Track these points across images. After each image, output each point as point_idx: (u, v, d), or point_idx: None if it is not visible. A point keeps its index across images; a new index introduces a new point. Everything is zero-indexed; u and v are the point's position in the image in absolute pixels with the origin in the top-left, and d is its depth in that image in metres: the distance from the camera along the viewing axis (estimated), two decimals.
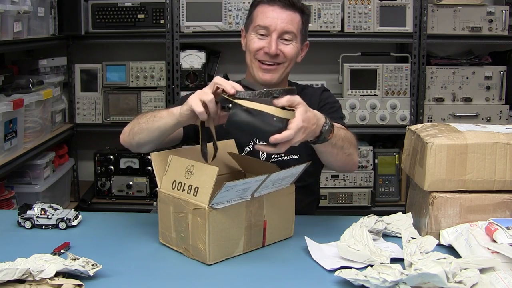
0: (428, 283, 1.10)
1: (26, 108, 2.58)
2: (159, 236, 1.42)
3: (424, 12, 3.07)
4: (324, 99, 1.84)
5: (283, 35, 1.68)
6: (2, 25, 2.33)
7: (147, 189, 3.23)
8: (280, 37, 1.68)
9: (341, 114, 1.85)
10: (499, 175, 1.39)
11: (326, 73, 3.41)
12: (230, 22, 3.07)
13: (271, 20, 1.67)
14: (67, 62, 3.22)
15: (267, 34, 1.68)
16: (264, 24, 1.67)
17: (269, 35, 1.68)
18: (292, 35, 1.69)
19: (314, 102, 1.79)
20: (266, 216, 1.38)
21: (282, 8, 1.67)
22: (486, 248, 1.24)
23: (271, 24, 1.67)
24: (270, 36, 1.67)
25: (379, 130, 3.21)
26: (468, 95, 3.15)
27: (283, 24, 1.67)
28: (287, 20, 1.67)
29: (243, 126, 1.27)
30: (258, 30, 1.69)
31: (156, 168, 1.39)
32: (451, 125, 1.51)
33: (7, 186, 2.59)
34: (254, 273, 1.26)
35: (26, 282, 1.13)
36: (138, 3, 3.11)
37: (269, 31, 1.67)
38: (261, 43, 1.69)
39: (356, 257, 1.25)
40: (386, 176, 3.24)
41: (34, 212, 1.50)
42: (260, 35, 1.69)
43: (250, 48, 1.71)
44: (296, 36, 1.70)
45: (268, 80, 1.70)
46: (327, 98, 1.85)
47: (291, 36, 1.69)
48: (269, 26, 1.67)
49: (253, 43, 1.70)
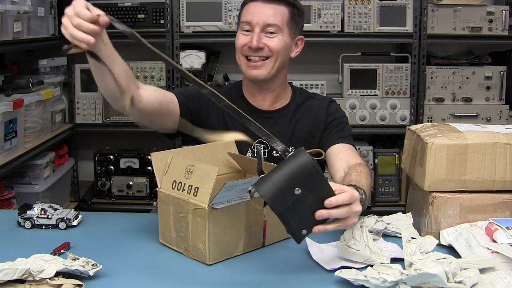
0: (428, 283, 1.10)
1: (26, 108, 2.58)
2: (159, 236, 1.42)
3: (424, 12, 3.07)
4: (331, 113, 1.79)
5: (266, 28, 1.67)
6: (2, 25, 2.34)
7: (147, 189, 3.23)
8: (263, 31, 1.68)
9: (349, 130, 1.80)
10: (499, 175, 1.39)
11: (326, 73, 3.41)
12: (230, 22, 3.07)
13: (253, 14, 1.67)
14: (67, 62, 3.22)
15: (251, 29, 1.68)
16: (247, 20, 1.68)
17: (253, 30, 1.68)
18: (276, 27, 1.67)
19: (320, 116, 1.77)
20: (266, 216, 1.38)
21: (265, 2, 1.68)
22: (486, 248, 1.24)
23: (253, 19, 1.67)
24: (253, 31, 1.67)
25: (379, 130, 3.21)
26: (468, 95, 3.15)
27: (264, 18, 1.66)
28: (269, 13, 1.67)
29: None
30: (243, 26, 1.70)
31: (156, 168, 1.39)
32: (451, 125, 1.51)
33: (7, 186, 2.59)
34: (254, 273, 1.26)
35: (26, 282, 1.13)
36: (138, 3, 3.11)
37: (252, 26, 1.68)
38: (246, 38, 1.68)
39: (356, 257, 1.25)
40: (386, 176, 3.24)
41: (34, 212, 1.50)
42: (245, 31, 1.69)
43: (236, 45, 1.71)
44: (281, 29, 1.68)
45: (256, 76, 1.69)
46: (334, 112, 1.80)
47: (274, 29, 1.67)
48: (251, 21, 1.67)
49: (238, 39, 1.71)
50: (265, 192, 1.12)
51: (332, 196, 1.17)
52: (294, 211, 1.15)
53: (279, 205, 1.13)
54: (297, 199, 1.14)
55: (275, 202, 1.13)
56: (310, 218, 1.16)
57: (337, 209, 1.17)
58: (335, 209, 1.17)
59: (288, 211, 1.14)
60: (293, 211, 1.14)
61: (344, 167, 1.59)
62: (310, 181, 1.14)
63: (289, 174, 1.13)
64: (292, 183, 1.13)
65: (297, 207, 1.14)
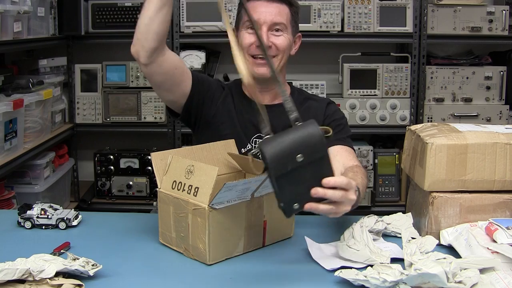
0: (428, 283, 1.10)
1: (26, 108, 2.58)
2: (159, 236, 1.42)
3: (424, 12, 3.06)
4: (329, 115, 1.80)
5: (273, 27, 1.70)
6: (2, 25, 2.33)
7: (147, 189, 3.23)
8: (270, 30, 1.70)
9: (348, 132, 1.80)
10: (499, 175, 1.39)
11: (326, 73, 3.41)
12: (230, 22, 3.06)
13: (259, 13, 1.69)
14: (67, 62, 3.22)
15: None
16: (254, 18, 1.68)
17: (260, 29, 1.68)
18: (282, 26, 1.70)
19: (318, 116, 1.77)
20: (266, 216, 1.38)
21: (269, 1, 1.69)
22: (486, 248, 1.24)
23: (260, 17, 1.68)
24: (261, 30, 1.68)
25: (379, 130, 3.21)
26: (468, 95, 3.15)
27: (271, 16, 1.68)
28: (275, 12, 1.69)
29: None
30: (248, 25, 1.70)
31: (156, 168, 1.39)
32: (451, 125, 1.51)
33: (7, 186, 2.59)
34: (254, 273, 1.26)
35: (26, 282, 1.13)
36: (138, 3, 3.10)
37: (259, 25, 1.68)
38: (253, 37, 1.69)
39: (356, 257, 1.25)
40: (386, 176, 3.24)
41: (34, 212, 1.50)
42: (251, 29, 1.70)
43: (243, 45, 1.71)
44: (287, 27, 1.71)
45: (263, 74, 1.70)
46: (333, 113, 1.81)
47: (281, 27, 1.70)
48: (258, 19, 1.68)
49: (244, 39, 1.71)
50: (267, 151, 1.10)
51: (331, 176, 1.15)
52: (291, 180, 1.12)
53: (278, 167, 1.10)
54: (297, 166, 1.11)
55: (275, 162, 1.10)
56: (305, 194, 1.13)
57: (333, 191, 1.15)
58: (331, 190, 1.15)
59: (285, 177, 1.11)
60: (290, 179, 1.12)
61: (341, 168, 1.58)
62: (313, 152, 1.12)
63: (294, 139, 1.11)
64: (295, 148, 1.11)
65: (295, 176, 1.12)
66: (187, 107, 1.75)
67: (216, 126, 1.76)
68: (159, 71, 1.61)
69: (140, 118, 3.19)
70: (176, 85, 1.69)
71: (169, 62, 1.62)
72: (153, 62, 1.58)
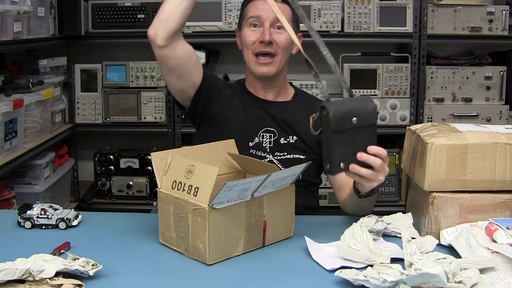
0: (428, 283, 1.10)
1: (26, 108, 2.58)
2: (159, 236, 1.42)
3: (424, 12, 3.06)
4: None
5: (275, 23, 1.73)
6: (2, 25, 2.33)
7: (147, 189, 3.23)
8: (272, 26, 1.73)
9: None
10: (499, 175, 1.39)
11: (326, 73, 3.39)
12: (230, 22, 3.07)
13: (262, 10, 1.73)
14: (67, 62, 3.22)
15: (259, 24, 1.74)
16: (256, 15, 1.74)
17: (262, 25, 1.73)
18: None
19: None
20: (266, 216, 1.38)
21: None
22: (486, 248, 1.24)
23: (262, 14, 1.73)
24: (263, 26, 1.73)
25: (379, 130, 3.13)
26: (468, 95, 3.15)
27: (273, 13, 1.69)
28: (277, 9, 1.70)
29: None
30: (251, 21, 1.75)
31: (156, 168, 1.39)
32: (451, 125, 1.51)
33: (7, 186, 2.59)
34: (254, 273, 1.26)
35: (26, 282, 1.13)
36: (138, 3, 3.11)
37: (261, 21, 1.73)
38: (256, 34, 1.74)
39: (356, 257, 1.25)
40: (386, 176, 3.23)
41: (34, 212, 1.50)
42: (254, 27, 1.75)
43: (247, 42, 1.76)
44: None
45: (265, 73, 1.75)
46: None
47: None
48: (260, 16, 1.73)
49: (248, 36, 1.75)
50: (332, 108, 1.28)
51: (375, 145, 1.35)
52: (344, 139, 1.31)
53: (338, 123, 1.29)
54: (351, 127, 1.31)
55: (336, 118, 1.28)
56: (352, 155, 1.33)
57: (375, 158, 1.35)
58: (373, 157, 1.35)
59: (340, 134, 1.30)
60: (343, 138, 1.31)
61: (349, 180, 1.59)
62: (366, 119, 1.34)
63: (353, 105, 1.33)
64: (353, 111, 1.31)
65: (348, 136, 1.31)
66: (195, 99, 1.79)
67: (222, 121, 1.80)
68: (173, 55, 1.67)
69: (140, 118, 3.19)
70: (187, 72, 1.74)
71: (183, 49, 1.70)
72: (169, 45, 1.65)
